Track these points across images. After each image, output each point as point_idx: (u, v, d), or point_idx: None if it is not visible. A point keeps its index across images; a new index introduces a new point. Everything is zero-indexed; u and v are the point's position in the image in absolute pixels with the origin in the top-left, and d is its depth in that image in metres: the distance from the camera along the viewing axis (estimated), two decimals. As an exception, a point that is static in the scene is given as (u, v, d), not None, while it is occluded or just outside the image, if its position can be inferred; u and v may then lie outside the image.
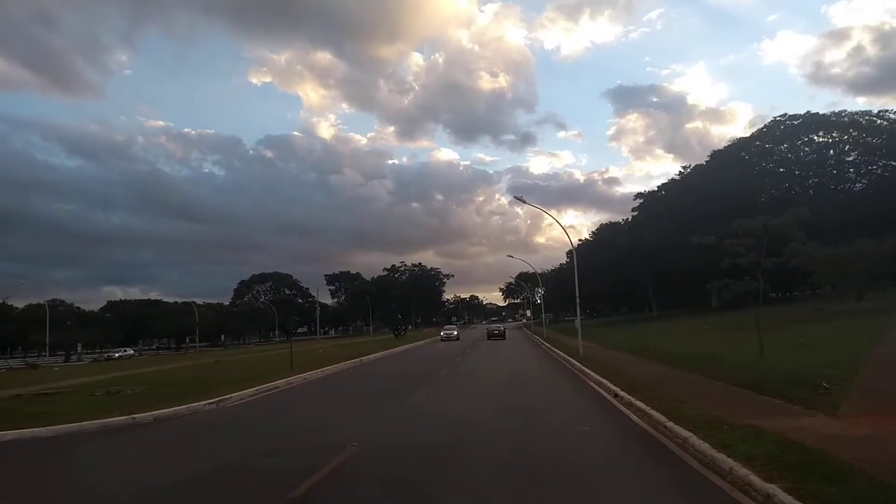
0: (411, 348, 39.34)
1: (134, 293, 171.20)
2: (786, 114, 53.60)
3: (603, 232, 64.56)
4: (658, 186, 58.54)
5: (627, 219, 63.32)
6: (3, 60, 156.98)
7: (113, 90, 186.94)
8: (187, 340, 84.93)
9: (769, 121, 54.95)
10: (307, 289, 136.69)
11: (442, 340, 45.74)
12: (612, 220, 70.00)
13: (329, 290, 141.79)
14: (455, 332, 48.92)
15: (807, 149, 52.14)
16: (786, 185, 53.35)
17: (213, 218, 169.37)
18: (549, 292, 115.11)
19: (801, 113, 52.22)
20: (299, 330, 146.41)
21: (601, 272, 61.48)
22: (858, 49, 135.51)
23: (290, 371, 20.68)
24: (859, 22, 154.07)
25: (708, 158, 57.21)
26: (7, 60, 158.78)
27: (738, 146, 55.57)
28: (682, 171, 56.62)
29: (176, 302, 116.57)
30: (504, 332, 49.88)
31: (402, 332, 55.27)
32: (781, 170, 53.03)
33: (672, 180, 57.26)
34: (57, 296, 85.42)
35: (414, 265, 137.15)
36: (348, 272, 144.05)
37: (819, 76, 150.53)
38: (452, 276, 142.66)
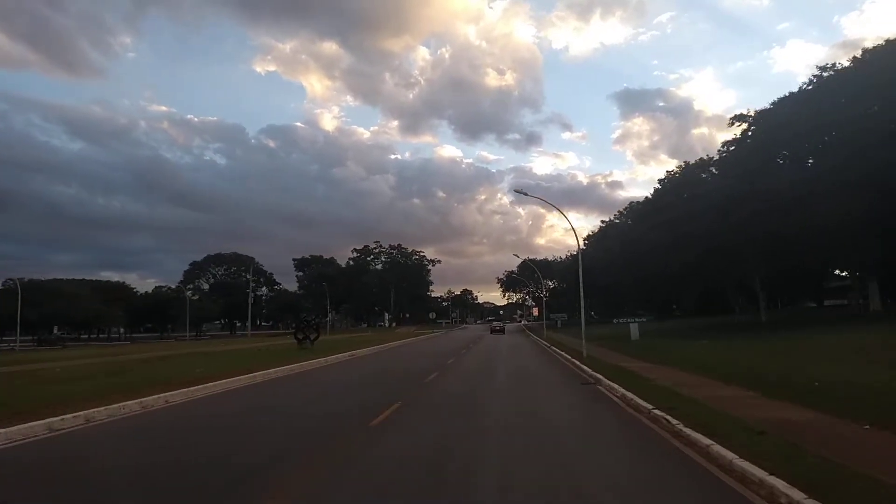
0: (291, 376, 16.37)
1: (131, 279, 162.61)
2: None
3: (670, 188, 41.18)
4: (773, 102, 34.73)
5: (712, 157, 39.69)
6: (5, 37, 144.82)
7: (116, 73, 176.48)
8: (68, 331, 61.86)
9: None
10: (272, 274, 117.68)
11: None
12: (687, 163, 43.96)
13: (297, 276, 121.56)
14: None
15: None
16: None
17: (214, 206, 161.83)
18: (558, 287, 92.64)
19: None
20: (264, 323, 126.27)
21: (658, 251, 38.59)
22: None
23: None
24: (872, 33, 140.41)
25: (849, 63, 33.80)
26: (9, 38, 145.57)
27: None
28: (815, 77, 33.11)
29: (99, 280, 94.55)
30: (504, 328, 63.66)
31: (308, 339, 30.33)
32: None
33: (798, 93, 33.85)
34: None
35: (391, 246, 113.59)
36: (320, 256, 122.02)
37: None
38: (439, 261, 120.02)
